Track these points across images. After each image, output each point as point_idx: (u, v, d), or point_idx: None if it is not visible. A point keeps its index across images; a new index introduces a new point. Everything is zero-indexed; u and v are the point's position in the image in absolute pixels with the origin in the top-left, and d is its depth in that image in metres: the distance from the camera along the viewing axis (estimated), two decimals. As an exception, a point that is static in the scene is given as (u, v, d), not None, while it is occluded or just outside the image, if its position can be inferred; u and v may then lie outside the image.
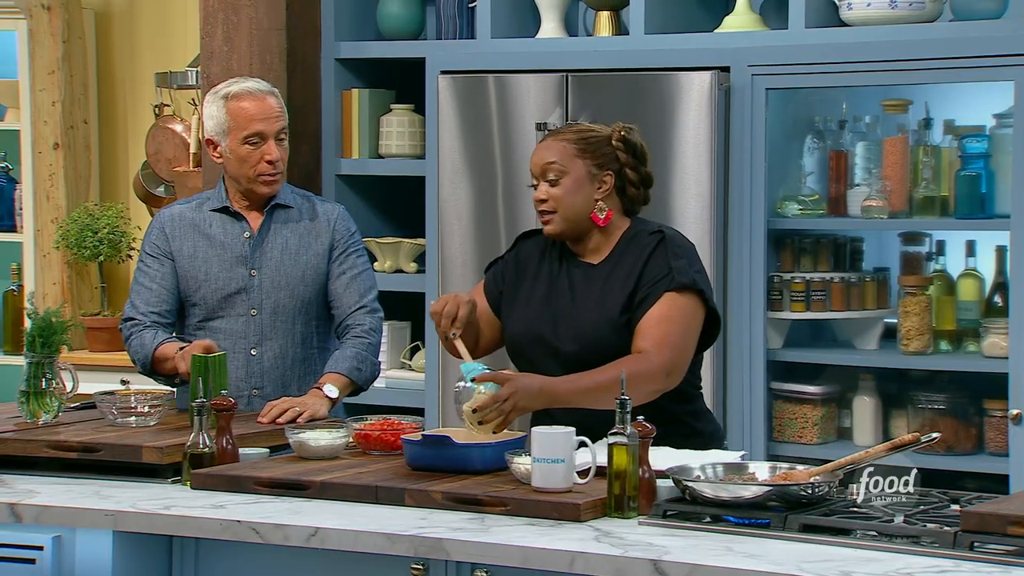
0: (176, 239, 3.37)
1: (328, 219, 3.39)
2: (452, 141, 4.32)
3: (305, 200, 3.42)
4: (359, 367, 3.29)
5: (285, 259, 3.35)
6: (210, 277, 3.35)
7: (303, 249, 3.36)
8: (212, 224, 3.37)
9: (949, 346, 3.99)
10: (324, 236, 3.37)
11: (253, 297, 3.34)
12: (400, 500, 2.62)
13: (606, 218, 2.96)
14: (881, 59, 3.85)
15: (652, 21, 4.19)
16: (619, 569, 2.30)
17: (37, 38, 5.07)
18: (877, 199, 3.96)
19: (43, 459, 2.91)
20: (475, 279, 4.26)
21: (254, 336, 3.34)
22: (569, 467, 2.58)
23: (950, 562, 2.24)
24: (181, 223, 3.38)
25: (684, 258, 2.93)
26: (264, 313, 3.34)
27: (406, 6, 4.58)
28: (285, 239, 3.36)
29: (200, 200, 3.42)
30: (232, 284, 3.34)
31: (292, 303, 3.35)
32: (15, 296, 5.19)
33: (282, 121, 3.33)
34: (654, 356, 2.84)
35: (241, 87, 3.33)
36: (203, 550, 2.69)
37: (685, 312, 2.89)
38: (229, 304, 3.35)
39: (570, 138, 2.95)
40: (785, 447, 4.05)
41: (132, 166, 5.28)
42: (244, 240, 3.36)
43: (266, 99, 3.31)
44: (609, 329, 2.91)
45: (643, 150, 3.00)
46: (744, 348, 4.01)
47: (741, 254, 4.01)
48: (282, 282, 3.34)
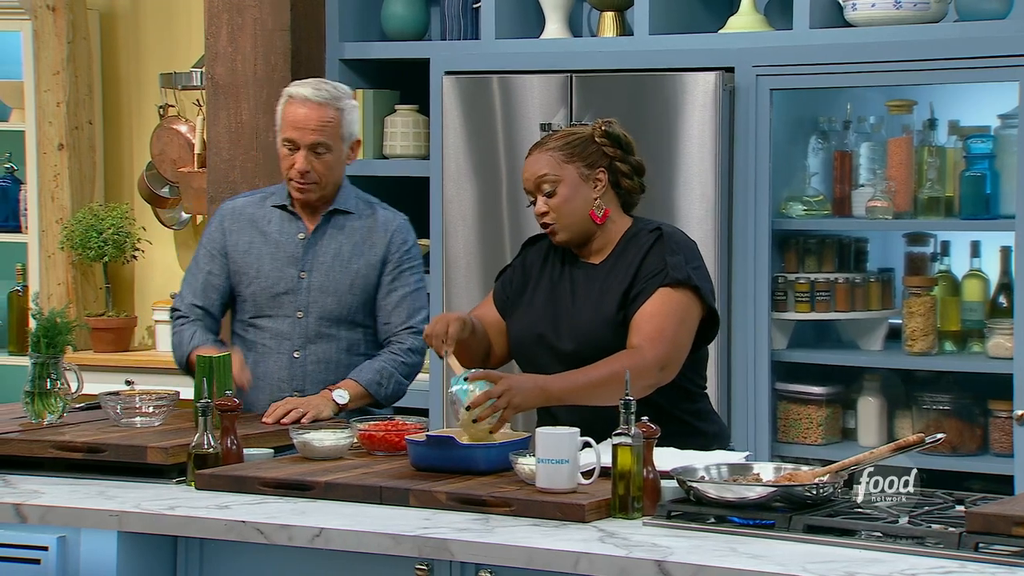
0: (232, 233, 3.36)
1: (386, 229, 3.34)
2: (456, 142, 4.32)
3: (368, 207, 3.37)
4: (380, 382, 3.25)
5: (336, 265, 3.31)
6: (261, 274, 3.33)
7: (355, 257, 3.32)
8: (271, 221, 3.35)
9: (954, 347, 3.98)
10: (379, 247, 3.32)
11: (300, 299, 3.31)
12: (404, 501, 2.62)
13: (604, 215, 2.96)
14: (886, 60, 3.84)
15: (656, 21, 4.19)
16: (623, 570, 2.30)
17: (42, 39, 5.08)
18: (882, 200, 3.95)
19: (48, 459, 2.91)
20: (479, 280, 4.27)
21: (298, 338, 3.31)
22: (573, 468, 2.58)
23: (955, 563, 2.24)
24: (240, 218, 3.37)
25: (680, 254, 2.92)
26: (310, 316, 3.31)
27: (410, 7, 4.58)
28: (339, 245, 3.32)
29: (264, 195, 3.40)
30: (281, 284, 3.32)
31: (338, 309, 3.31)
32: (20, 297, 5.20)
33: (320, 135, 3.23)
34: (647, 351, 2.84)
35: (298, 90, 3.28)
36: (207, 550, 2.69)
37: (679, 307, 2.89)
38: (277, 304, 3.32)
39: (555, 146, 2.96)
40: (790, 448, 4.05)
41: (137, 167, 5.29)
42: (298, 241, 3.33)
43: (312, 109, 3.23)
44: (606, 327, 2.92)
45: (627, 140, 3.00)
46: (748, 349, 4.00)
47: (745, 255, 4.01)
48: (330, 288, 3.31)
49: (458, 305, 4.30)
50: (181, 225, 5.24)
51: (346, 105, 3.29)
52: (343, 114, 3.27)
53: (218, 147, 4.51)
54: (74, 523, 2.68)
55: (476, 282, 4.28)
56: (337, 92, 3.29)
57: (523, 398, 2.78)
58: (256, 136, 4.43)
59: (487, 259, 4.26)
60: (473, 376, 2.79)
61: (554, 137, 3.00)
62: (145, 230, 5.18)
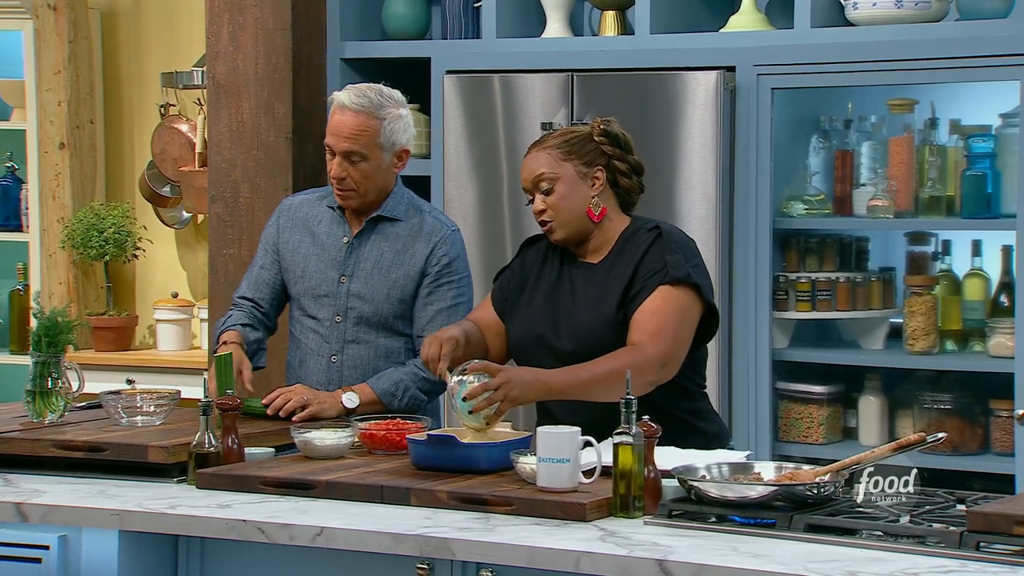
0: (286, 231, 3.36)
1: (429, 240, 3.28)
2: (457, 141, 4.32)
3: (416, 214, 3.32)
4: (395, 393, 3.22)
5: (375, 272, 3.28)
6: (306, 274, 3.33)
7: (395, 266, 3.28)
8: (322, 221, 3.34)
9: (955, 346, 3.98)
10: (419, 257, 3.27)
11: (339, 303, 3.29)
12: (406, 500, 2.62)
13: (600, 213, 2.96)
14: (887, 59, 3.84)
15: (658, 21, 4.19)
16: (625, 569, 2.30)
17: (43, 38, 5.08)
18: (883, 199, 3.95)
19: (49, 458, 2.91)
20: (480, 278, 4.26)
21: (336, 342, 3.29)
22: (574, 467, 2.58)
23: (956, 562, 2.24)
24: (295, 215, 3.37)
25: (680, 252, 2.92)
26: (347, 321, 3.29)
27: (411, 6, 4.58)
28: (381, 251, 3.29)
29: (323, 193, 3.38)
30: (323, 286, 3.31)
31: (375, 316, 3.28)
32: (21, 296, 5.20)
33: (353, 144, 3.19)
34: (648, 347, 2.84)
35: (339, 96, 3.23)
36: (209, 549, 2.69)
37: (679, 305, 2.89)
38: (319, 305, 3.31)
39: (553, 144, 2.96)
40: (791, 447, 4.05)
41: (138, 166, 5.29)
42: (342, 244, 3.31)
43: (347, 116, 3.20)
44: (606, 326, 2.92)
45: (626, 139, 3.00)
46: (749, 348, 4.00)
47: (746, 254, 4.00)
48: (367, 294, 3.28)
49: (459, 304, 4.30)
50: (182, 224, 5.24)
51: (388, 114, 3.23)
52: (383, 123, 3.22)
53: (219, 146, 4.51)
54: (75, 522, 2.68)
55: (477, 281, 4.27)
56: (379, 100, 3.23)
57: (521, 391, 2.78)
58: (257, 135, 4.43)
59: (488, 258, 4.26)
60: (472, 368, 2.79)
61: (552, 136, 3.00)
62: (146, 229, 5.18)
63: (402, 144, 3.28)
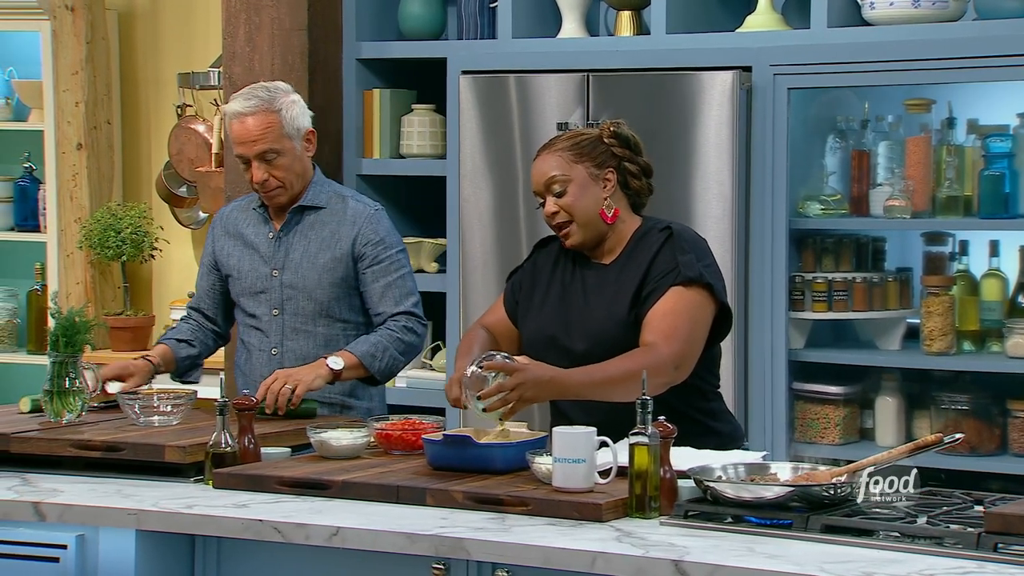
0: (219, 239, 3.45)
1: (354, 222, 3.36)
2: (473, 141, 4.32)
3: (340, 200, 3.39)
4: (375, 354, 3.26)
5: (304, 260, 3.35)
6: (241, 275, 3.40)
7: (323, 251, 3.35)
8: (249, 223, 3.42)
9: (972, 346, 3.97)
10: (346, 241, 3.35)
11: (274, 297, 3.37)
12: (421, 500, 2.62)
13: (614, 215, 2.96)
14: (904, 58, 3.83)
15: (673, 20, 4.18)
16: (640, 569, 2.30)
17: (61, 39, 5.10)
18: (900, 199, 3.94)
19: (67, 458, 2.92)
20: (496, 278, 4.27)
21: (275, 335, 3.36)
22: (590, 467, 2.58)
23: (973, 563, 2.23)
24: (226, 222, 3.46)
25: (691, 252, 2.92)
26: (285, 314, 3.36)
27: (427, 6, 4.58)
28: (308, 240, 3.37)
29: (251, 198, 3.46)
30: (258, 283, 3.39)
31: (310, 306, 3.35)
32: (39, 296, 5.22)
33: (263, 143, 3.27)
34: (662, 348, 2.84)
35: (230, 108, 3.33)
36: (225, 549, 2.69)
37: (692, 305, 2.88)
38: (256, 302, 3.39)
39: (563, 147, 2.96)
40: (807, 447, 4.04)
41: (155, 166, 5.30)
42: (269, 240, 3.38)
43: (246, 121, 3.28)
44: (618, 327, 2.91)
45: (636, 141, 3.00)
46: (765, 348, 4.00)
47: (763, 254, 4.00)
48: (299, 283, 3.35)
49: (474, 303, 4.30)
50: (198, 224, 5.25)
51: (283, 104, 3.31)
52: (281, 114, 3.30)
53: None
54: (93, 522, 2.69)
55: (492, 280, 4.28)
56: (269, 95, 3.32)
57: (535, 392, 2.78)
58: (273, 136, 4.43)
59: (503, 258, 4.26)
60: (488, 366, 2.79)
61: (562, 138, 3.00)
62: (163, 229, 5.19)
63: (306, 126, 3.36)
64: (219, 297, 3.47)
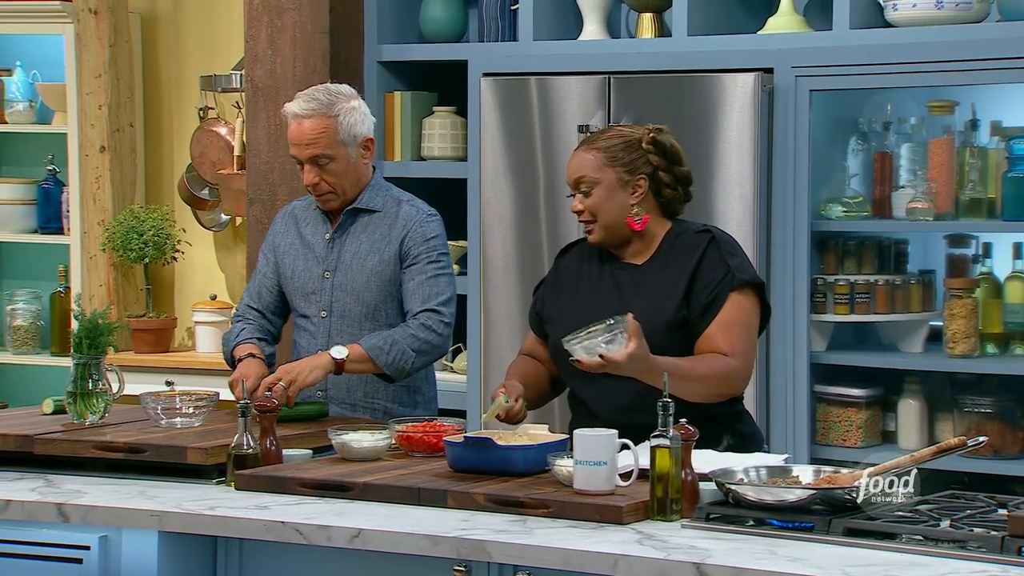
0: (279, 235, 3.44)
1: (404, 225, 3.34)
2: (494, 143, 4.32)
3: (395, 204, 3.37)
4: (383, 347, 3.23)
5: (354, 264, 3.34)
6: (295, 275, 3.39)
7: (372, 253, 3.34)
8: (308, 223, 3.41)
9: (996, 349, 3.95)
10: (395, 243, 3.33)
11: (324, 299, 3.35)
12: (442, 502, 2.63)
13: (643, 223, 2.96)
14: (927, 60, 3.81)
15: (695, 22, 4.18)
16: (662, 572, 2.29)
17: (84, 42, 5.12)
18: (922, 201, 3.93)
19: (89, 459, 2.93)
20: (517, 280, 4.27)
21: (323, 338, 3.34)
22: (611, 469, 2.58)
23: (997, 567, 2.22)
24: (289, 220, 3.45)
25: (738, 256, 2.95)
26: (333, 316, 3.35)
27: (448, 9, 4.59)
28: (359, 243, 3.35)
29: (312, 198, 3.42)
30: (310, 284, 3.37)
31: (357, 308, 3.34)
32: (62, 298, 5.24)
33: (315, 148, 3.26)
34: (739, 362, 2.87)
35: (290, 107, 3.31)
36: (247, 550, 2.70)
37: (750, 313, 2.92)
38: (308, 303, 3.38)
39: (599, 147, 2.96)
40: (829, 450, 4.03)
41: (177, 169, 5.32)
42: (324, 240, 3.38)
43: (303, 123, 3.27)
44: (663, 330, 2.90)
45: (675, 149, 2.99)
46: (787, 350, 3.98)
47: (784, 256, 3.99)
48: (348, 286, 3.34)
49: (495, 305, 4.30)
50: (221, 227, 5.27)
51: (341, 110, 3.29)
52: (338, 119, 3.28)
53: (257, 149, 4.53)
54: (115, 523, 2.70)
55: (513, 283, 4.28)
56: (329, 98, 3.29)
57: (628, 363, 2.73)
58: (295, 138, 4.44)
59: (525, 260, 4.26)
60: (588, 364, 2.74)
61: (603, 136, 3.00)
62: (185, 232, 5.21)
63: (364, 134, 3.33)
64: (278, 295, 3.43)
